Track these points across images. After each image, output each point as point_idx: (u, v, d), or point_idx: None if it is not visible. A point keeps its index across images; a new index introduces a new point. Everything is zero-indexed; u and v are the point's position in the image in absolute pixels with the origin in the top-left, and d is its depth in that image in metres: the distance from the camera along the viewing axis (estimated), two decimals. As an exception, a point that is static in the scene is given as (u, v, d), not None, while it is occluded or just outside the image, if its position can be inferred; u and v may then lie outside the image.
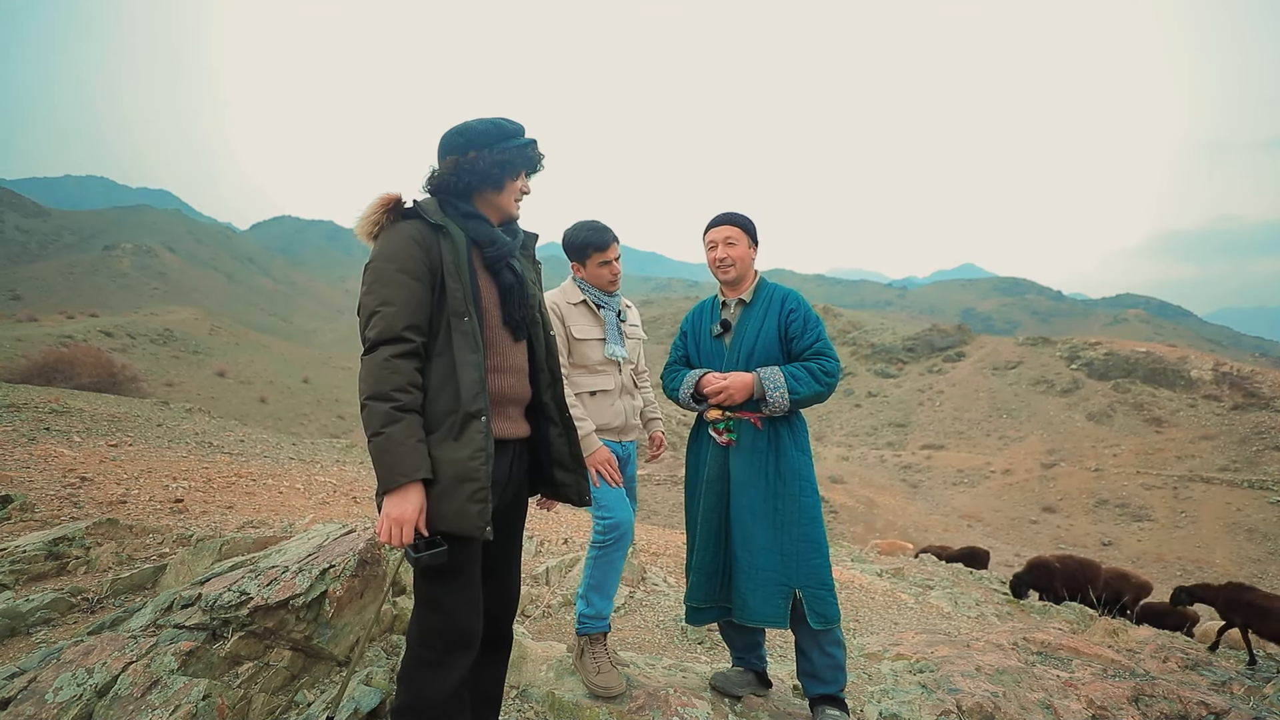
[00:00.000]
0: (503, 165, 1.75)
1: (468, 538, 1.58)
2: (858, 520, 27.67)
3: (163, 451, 9.25)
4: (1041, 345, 52.83)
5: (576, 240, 2.57)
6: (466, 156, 1.72)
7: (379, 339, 1.56)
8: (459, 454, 1.57)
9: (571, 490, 1.93)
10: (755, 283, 2.58)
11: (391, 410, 1.51)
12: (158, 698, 2.03)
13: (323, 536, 2.90)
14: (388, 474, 1.49)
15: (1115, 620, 5.23)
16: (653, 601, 4.63)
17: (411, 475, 1.50)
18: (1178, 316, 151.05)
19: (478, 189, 1.76)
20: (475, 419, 1.60)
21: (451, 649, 1.65)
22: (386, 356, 1.54)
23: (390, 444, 1.49)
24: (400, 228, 1.65)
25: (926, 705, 2.93)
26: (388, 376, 1.53)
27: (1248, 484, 31.40)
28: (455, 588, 1.65)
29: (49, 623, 2.71)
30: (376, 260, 1.62)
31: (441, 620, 1.64)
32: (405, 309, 1.58)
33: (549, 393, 1.91)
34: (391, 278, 1.60)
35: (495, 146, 1.74)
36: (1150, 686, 3.22)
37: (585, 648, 2.56)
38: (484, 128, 1.74)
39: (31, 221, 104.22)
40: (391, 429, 1.50)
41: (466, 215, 1.75)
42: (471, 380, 1.61)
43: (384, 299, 1.58)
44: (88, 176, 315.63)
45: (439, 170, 1.75)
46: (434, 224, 1.68)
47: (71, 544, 3.42)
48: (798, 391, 2.33)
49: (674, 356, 2.73)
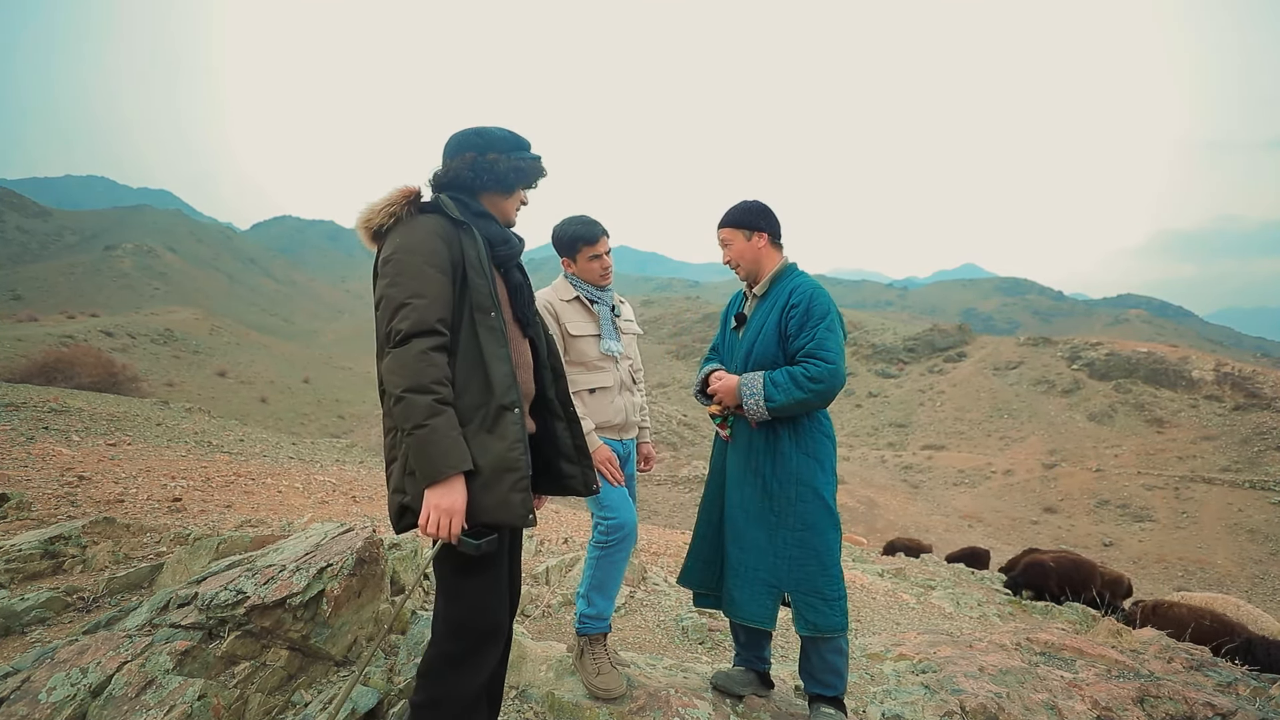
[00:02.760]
0: (518, 172, 1.80)
1: (509, 527, 1.61)
2: (859, 521, 27.65)
3: (162, 451, 9.24)
4: (1042, 345, 52.78)
5: (566, 235, 2.54)
6: (485, 157, 1.75)
7: (412, 331, 1.54)
8: (497, 445, 1.59)
9: (578, 481, 1.94)
10: (774, 274, 2.43)
11: (434, 403, 1.51)
12: (152, 698, 2.01)
13: (321, 535, 2.88)
14: (433, 466, 1.49)
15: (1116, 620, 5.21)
16: (653, 601, 4.60)
17: (458, 467, 1.50)
18: (1179, 316, 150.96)
19: (488, 190, 1.79)
20: (509, 411, 1.62)
21: (483, 642, 1.66)
22: (423, 349, 1.53)
23: (435, 435, 1.49)
24: (422, 221, 1.66)
25: (930, 706, 2.90)
26: (425, 369, 1.52)
27: (1249, 484, 31.35)
28: (489, 579, 1.66)
29: (44, 622, 2.69)
30: (399, 253, 1.61)
31: (475, 614, 1.65)
32: (435, 302, 1.58)
33: (553, 389, 1.93)
34: (419, 270, 1.59)
35: (513, 154, 1.79)
36: (1155, 687, 3.20)
37: (585, 648, 2.53)
38: (503, 134, 1.80)
39: (32, 222, 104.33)
40: (434, 420, 1.50)
41: (478, 214, 1.77)
42: (504, 373, 1.63)
43: (414, 291, 1.57)
44: (89, 176, 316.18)
45: (455, 164, 1.76)
46: (456, 219, 1.69)
47: (68, 543, 3.40)
48: (774, 399, 2.18)
49: (712, 345, 2.73)
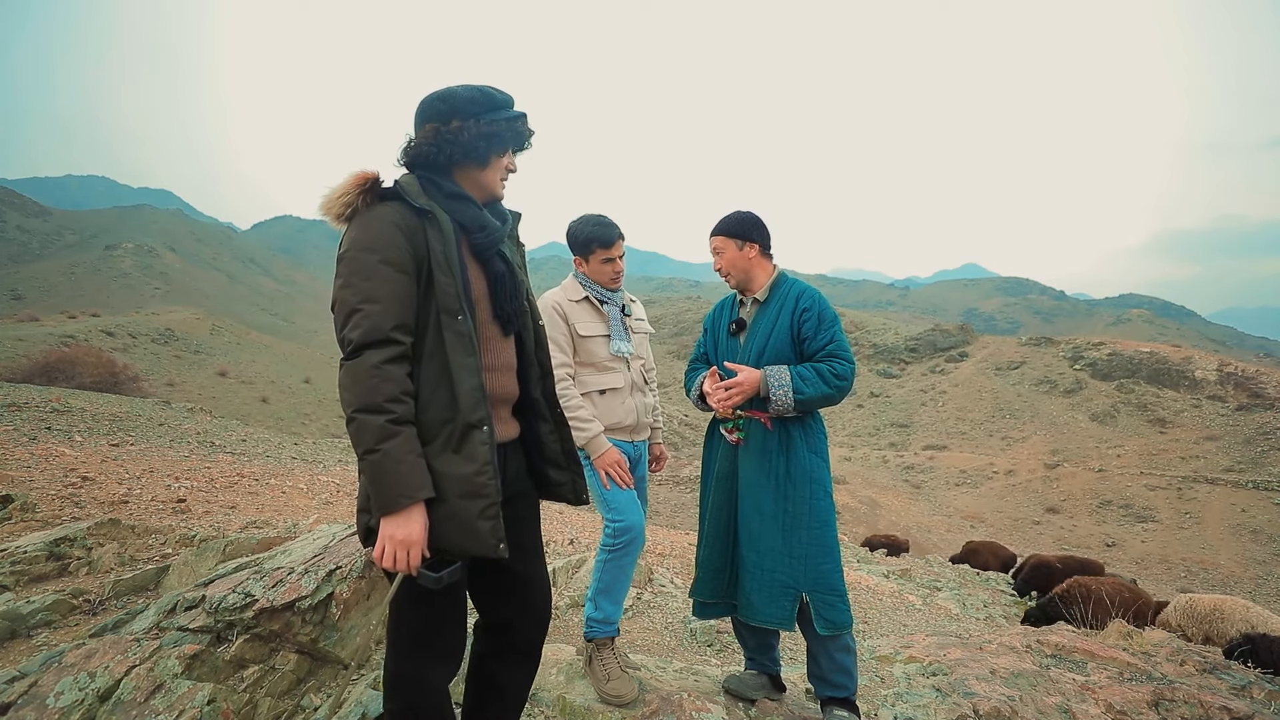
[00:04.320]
0: (489, 138, 1.54)
1: (479, 558, 1.45)
2: (860, 521, 27.58)
3: (165, 451, 9.23)
4: (1044, 345, 52.72)
5: (581, 235, 2.50)
6: (449, 126, 1.51)
7: (364, 341, 1.36)
8: (463, 469, 1.41)
9: (567, 489, 1.76)
10: (772, 280, 2.51)
11: (387, 424, 1.34)
12: (161, 702, 1.99)
13: (328, 537, 2.86)
14: (388, 495, 1.33)
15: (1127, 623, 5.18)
16: (660, 603, 4.58)
17: (415, 495, 1.35)
18: (1181, 316, 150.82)
19: (460, 163, 1.55)
20: (476, 429, 1.44)
21: (432, 665, 1.54)
22: (375, 363, 1.36)
23: (389, 461, 1.33)
24: (379, 211, 1.45)
25: (942, 709, 2.87)
26: (378, 385, 1.35)
27: (1252, 485, 31.28)
28: (440, 609, 1.52)
29: (50, 625, 2.67)
30: (353, 249, 1.42)
31: (420, 643, 1.52)
32: (391, 306, 1.39)
33: (539, 388, 1.73)
34: (373, 270, 1.39)
35: (482, 117, 1.53)
36: (1170, 690, 3.17)
37: (593, 654, 2.50)
38: (470, 95, 1.53)
39: (33, 221, 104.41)
40: (388, 445, 1.33)
41: (451, 196, 1.54)
42: (470, 387, 1.44)
43: (366, 295, 1.38)
44: (89, 176, 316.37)
45: (415, 140, 1.54)
46: (418, 208, 1.47)
47: (73, 544, 3.37)
48: (803, 392, 2.23)
49: (695, 354, 2.70)
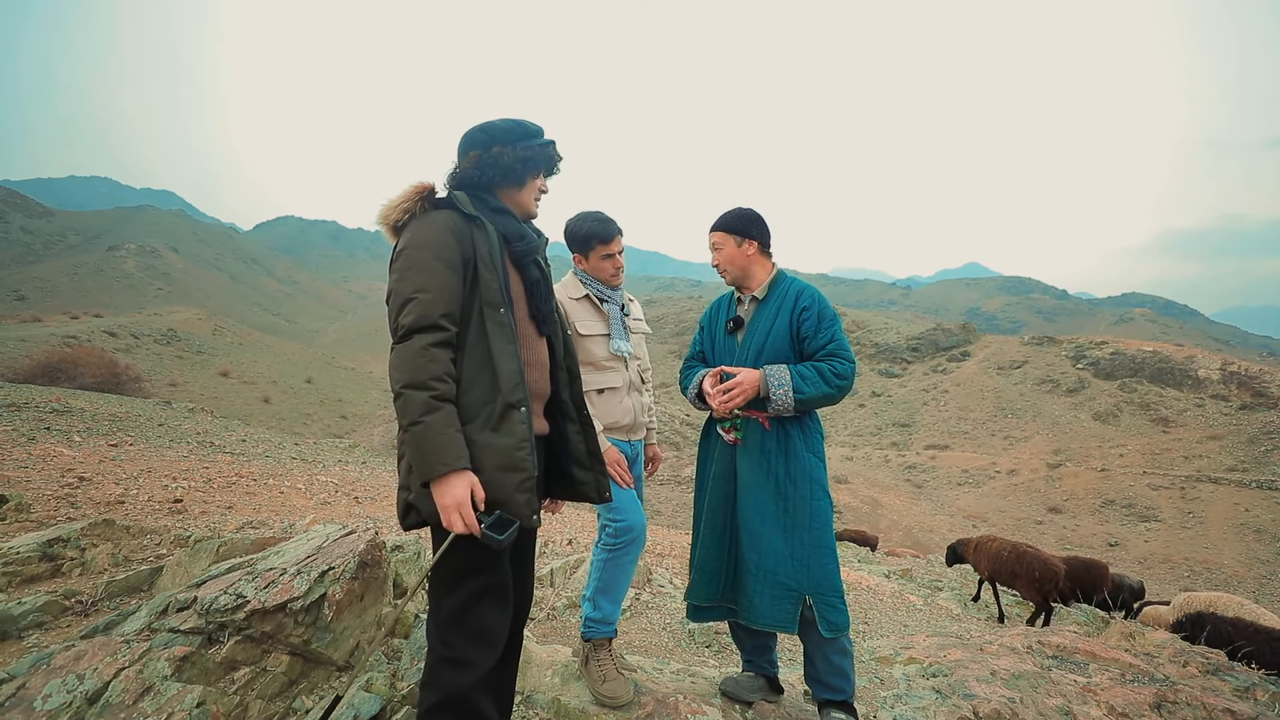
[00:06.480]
0: (525, 162, 1.78)
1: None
2: (862, 521, 27.53)
3: (163, 451, 9.22)
4: (1047, 345, 52.62)
5: (580, 231, 2.48)
6: (490, 151, 1.75)
7: (414, 326, 1.54)
8: (503, 443, 1.56)
9: (590, 488, 1.90)
10: (771, 278, 2.49)
11: (430, 399, 1.49)
12: (150, 705, 1.96)
13: (322, 538, 2.83)
14: (428, 462, 1.46)
15: (1129, 623, 5.14)
16: (659, 603, 4.55)
17: (453, 464, 1.47)
18: (1184, 315, 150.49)
19: (500, 184, 1.79)
20: (515, 409, 1.59)
21: (475, 644, 1.60)
22: (423, 345, 1.52)
23: (430, 432, 1.47)
24: (435, 216, 1.65)
25: (942, 711, 2.84)
26: (425, 365, 1.51)
27: (1256, 484, 31.17)
28: (484, 580, 1.61)
29: (41, 626, 2.64)
30: (410, 248, 1.60)
31: (465, 616, 1.59)
32: (441, 297, 1.57)
33: (568, 390, 1.90)
34: (427, 265, 1.58)
35: (518, 144, 1.77)
36: (1173, 692, 3.13)
37: (590, 654, 2.48)
38: (507, 125, 1.78)
39: (36, 222, 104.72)
40: (430, 417, 1.48)
41: (495, 210, 1.76)
42: (511, 370, 1.61)
43: (419, 286, 1.56)
44: (92, 177, 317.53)
45: (461, 165, 1.77)
46: (468, 215, 1.68)
47: (66, 545, 3.35)
48: (803, 391, 2.22)
49: (691, 352, 2.67)
